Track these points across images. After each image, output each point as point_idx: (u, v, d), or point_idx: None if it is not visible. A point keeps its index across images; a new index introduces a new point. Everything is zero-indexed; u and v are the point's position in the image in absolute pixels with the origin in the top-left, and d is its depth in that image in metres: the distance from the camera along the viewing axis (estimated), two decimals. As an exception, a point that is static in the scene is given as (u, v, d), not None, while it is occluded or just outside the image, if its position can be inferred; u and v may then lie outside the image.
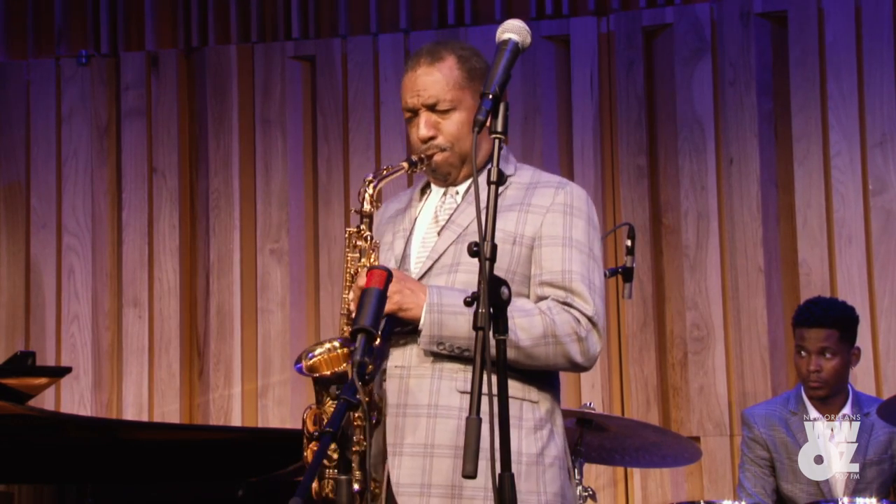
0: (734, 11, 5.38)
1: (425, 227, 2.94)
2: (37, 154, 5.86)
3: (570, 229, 2.84)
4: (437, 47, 2.96)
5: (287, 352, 5.60)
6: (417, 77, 2.92)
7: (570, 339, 2.76)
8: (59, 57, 5.91)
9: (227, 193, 5.73)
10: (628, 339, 5.35)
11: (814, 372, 4.37)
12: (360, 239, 2.80)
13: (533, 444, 2.78)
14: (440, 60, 2.92)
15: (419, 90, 2.90)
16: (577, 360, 2.79)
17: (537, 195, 2.88)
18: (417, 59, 2.95)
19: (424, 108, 2.90)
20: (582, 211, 2.88)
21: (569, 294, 2.79)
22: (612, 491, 5.34)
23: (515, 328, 2.70)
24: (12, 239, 5.85)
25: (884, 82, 5.23)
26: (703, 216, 5.33)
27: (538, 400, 2.82)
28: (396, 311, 2.72)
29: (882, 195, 5.20)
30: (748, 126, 5.33)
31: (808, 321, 4.41)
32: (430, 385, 2.76)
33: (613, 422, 4.38)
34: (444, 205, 2.95)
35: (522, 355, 2.74)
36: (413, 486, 2.73)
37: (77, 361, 5.68)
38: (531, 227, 2.84)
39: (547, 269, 2.82)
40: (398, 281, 2.70)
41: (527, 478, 2.74)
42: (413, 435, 2.74)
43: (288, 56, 5.76)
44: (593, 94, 5.48)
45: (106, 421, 5.14)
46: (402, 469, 2.74)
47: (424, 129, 2.89)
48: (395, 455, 2.75)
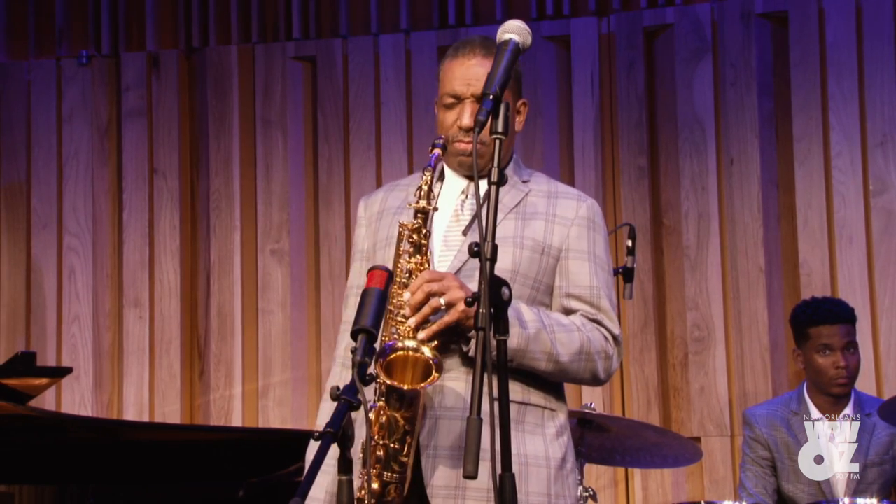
0: (735, 12, 5.38)
1: (446, 224, 2.89)
2: (37, 154, 5.86)
3: (594, 245, 2.89)
4: (490, 41, 2.87)
5: (288, 352, 5.60)
6: (471, 66, 2.86)
7: (599, 357, 2.83)
8: (59, 57, 5.91)
9: (228, 194, 5.73)
10: (629, 339, 5.35)
11: (843, 367, 4.35)
12: (417, 234, 2.75)
13: (558, 449, 2.83)
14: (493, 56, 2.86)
15: (471, 79, 2.84)
16: (601, 377, 2.86)
17: (560, 206, 2.90)
18: (472, 48, 2.89)
19: (472, 99, 2.84)
20: (602, 227, 2.93)
21: (598, 311, 2.85)
22: (612, 491, 5.34)
23: (556, 343, 2.75)
24: (13, 239, 5.85)
25: (884, 83, 5.23)
26: (704, 216, 5.33)
27: (556, 408, 2.86)
28: (464, 320, 2.68)
29: (883, 195, 5.20)
30: (749, 126, 5.33)
31: (828, 318, 4.39)
32: (466, 389, 2.75)
33: (614, 422, 4.38)
34: (467, 202, 2.91)
35: (558, 369, 2.79)
36: (448, 489, 2.74)
37: (78, 362, 5.68)
38: (558, 238, 2.86)
39: (574, 282, 2.86)
40: (461, 287, 2.68)
41: (555, 481, 2.80)
42: (447, 438, 2.75)
43: (288, 56, 5.76)
44: (594, 95, 5.48)
45: (107, 421, 5.14)
46: (436, 471, 2.74)
47: (469, 119, 2.82)
48: (430, 457, 2.75)
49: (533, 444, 2.79)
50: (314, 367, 5.60)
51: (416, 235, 2.75)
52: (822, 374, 4.39)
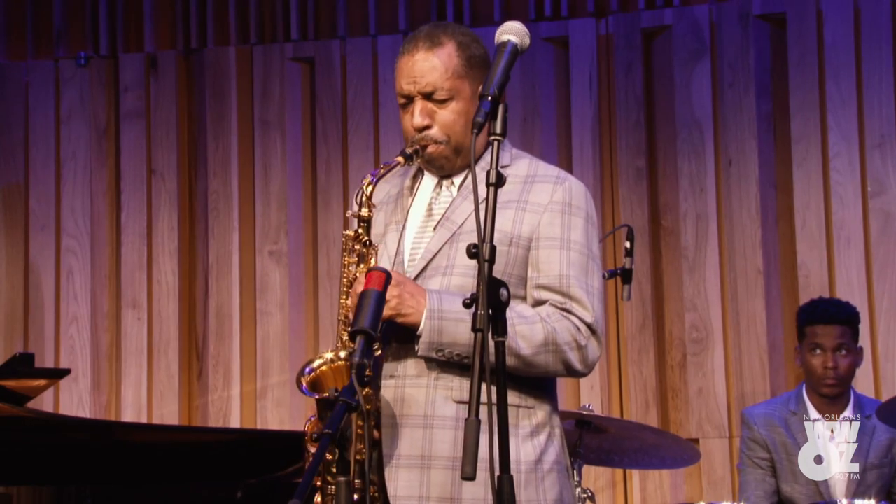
0: (733, 13, 5.38)
1: (419, 221, 2.84)
2: (36, 155, 5.86)
3: (569, 230, 2.76)
4: (436, 31, 2.82)
5: (286, 353, 5.59)
6: (415, 62, 2.78)
7: (569, 348, 2.70)
8: (58, 58, 5.90)
9: (226, 195, 5.73)
10: (627, 340, 5.35)
11: (831, 368, 4.35)
12: (358, 244, 2.72)
13: (531, 450, 2.73)
14: (439, 46, 2.78)
15: (416, 76, 2.77)
16: (577, 368, 2.73)
17: (535, 191, 2.78)
18: (416, 43, 2.80)
19: (420, 96, 2.78)
20: (580, 209, 2.79)
21: (567, 300, 2.72)
22: (610, 493, 5.34)
23: (516, 336, 2.64)
24: (11, 240, 5.84)
25: (882, 84, 5.23)
26: (702, 218, 5.34)
27: (534, 406, 2.76)
28: (394, 316, 2.65)
29: (881, 197, 5.20)
30: (747, 128, 5.33)
31: (823, 318, 4.40)
32: (426, 395, 2.70)
33: (612, 423, 4.38)
34: (440, 197, 2.85)
35: (522, 363, 2.68)
36: (411, 499, 2.67)
37: (76, 363, 5.67)
38: (528, 227, 2.76)
39: (544, 272, 2.75)
40: (397, 285, 2.63)
41: (526, 486, 2.70)
42: (409, 446, 2.69)
43: (287, 58, 5.76)
44: (592, 96, 5.48)
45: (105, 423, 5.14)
46: (399, 481, 2.68)
47: (419, 118, 2.77)
48: (392, 467, 2.69)
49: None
50: (312, 369, 5.59)
51: (358, 245, 2.71)
52: (812, 374, 4.41)
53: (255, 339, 5.65)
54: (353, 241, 2.73)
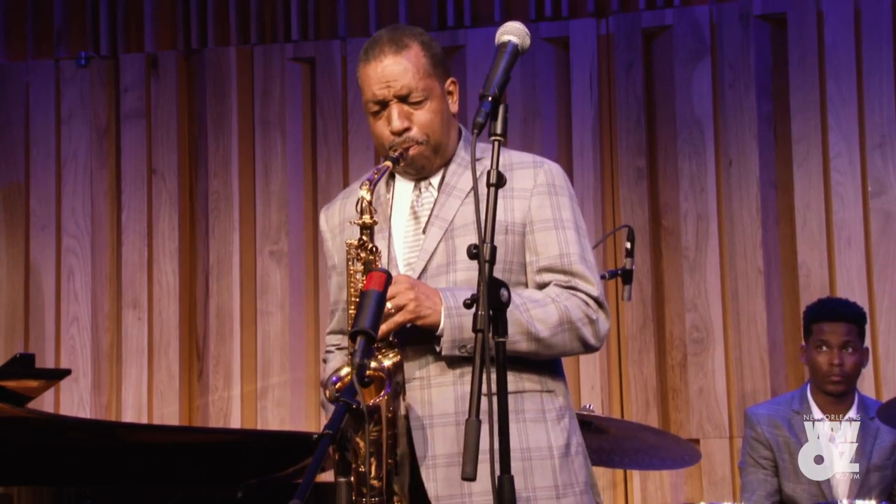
0: (734, 13, 5.38)
1: (404, 225, 2.84)
2: (36, 156, 5.86)
3: (559, 210, 2.80)
4: (396, 34, 2.83)
5: (287, 354, 5.59)
6: (385, 67, 2.78)
7: (582, 324, 2.74)
8: (58, 58, 5.91)
9: (227, 195, 5.73)
10: (628, 340, 5.35)
11: (837, 365, 4.36)
12: (364, 251, 2.70)
13: (560, 435, 2.76)
14: (406, 48, 2.79)
15: (389, 80, 2.78)
16: (591, 342, 2.78)
17: (516, 178, 2.79)
18: (380, 48, 2.80)
19: (396, 100, 2.79)
20: (563, 188, 2.83)
21: (571, 277, 2.76)
22: (611, 493, 5.34)
23: (532, 320, 2.68)
24: (12, 241, 5.84)
25: (883, 84, 5.23)
26: (703, 218, 5.34)
27: (554, 389, 2.80)
28: (414, 319, 2.65)
29: (881, 197, 5.20)
30: (747, 128, 5.33)
31: (830, 315, 4.41)
32: (454, 392, 2.71)
33: (613, 424, 4.38)
34: (422, 198, 2.85)
35: (542, 346, 2.71)
36: (453, 498, 2.68)
37: (76, 363, 5.67)
38: (520, 213, 2.80)
39: (544, 254, 2.78)
40: (411, 287, 2.64)
41: (561, 470, 2.74)
42: (444, 445, 2.70)
43: (287, 58, 5.76)
44: (592, 96, 5.48)
45: (105, 423, 5.14)
46: (438, 481, 2.69)
47: (398, 122, 2.78)
48: (429, 468, 2.69)
49: (535, 434, 2.73)
50: (313, 368, 5.60)
51: (364, 252, 2.70)
52: (818, 371, 4.41)
53: (256, 339, 5.66)
54: (357, 248, 2.71)
